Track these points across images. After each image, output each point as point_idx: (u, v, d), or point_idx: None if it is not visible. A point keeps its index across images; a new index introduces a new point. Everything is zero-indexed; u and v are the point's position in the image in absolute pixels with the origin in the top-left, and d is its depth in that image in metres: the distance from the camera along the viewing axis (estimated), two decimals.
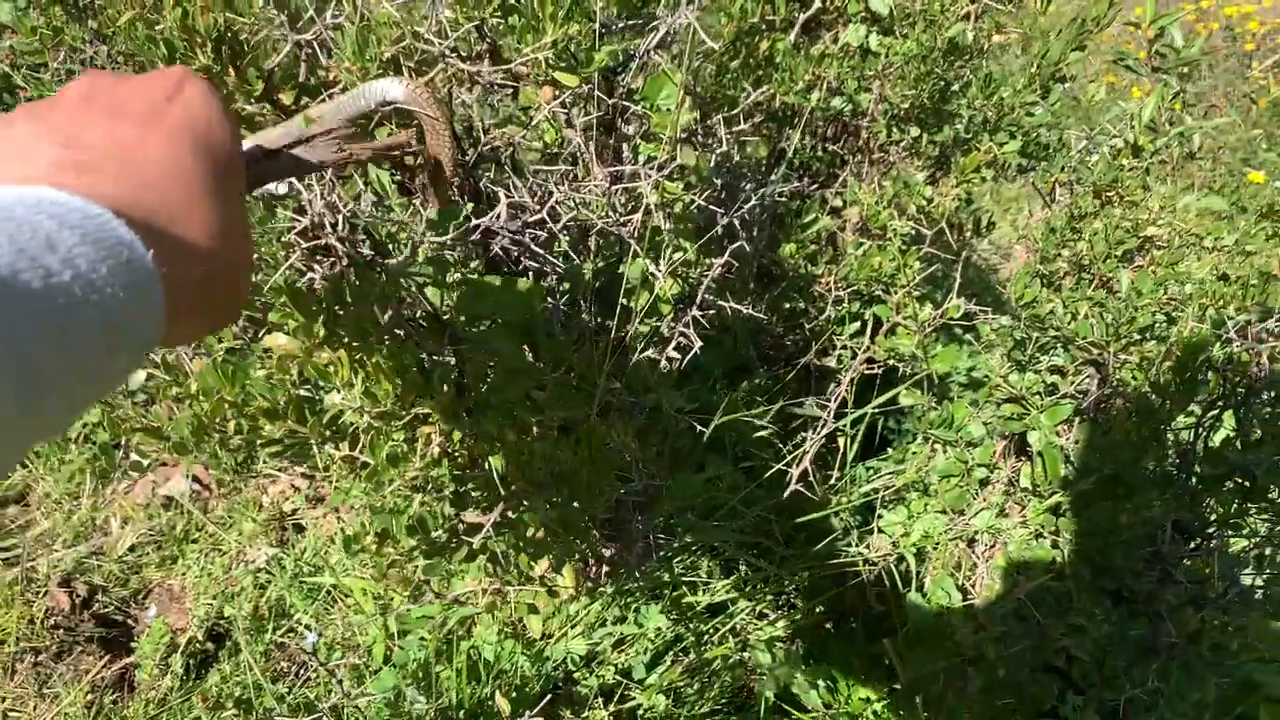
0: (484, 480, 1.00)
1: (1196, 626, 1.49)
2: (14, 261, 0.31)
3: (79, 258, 0.33)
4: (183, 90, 0.48)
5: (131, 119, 0.44)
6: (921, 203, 1.94)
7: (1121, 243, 1.64)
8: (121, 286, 0.35)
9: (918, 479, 2.00)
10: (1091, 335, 1.62)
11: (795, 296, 1.97)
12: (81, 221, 0.35)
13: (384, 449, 0.90)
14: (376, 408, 0.88)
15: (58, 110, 0.44)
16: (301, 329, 0.84)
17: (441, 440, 0.93)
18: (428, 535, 0.99)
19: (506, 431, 0.95)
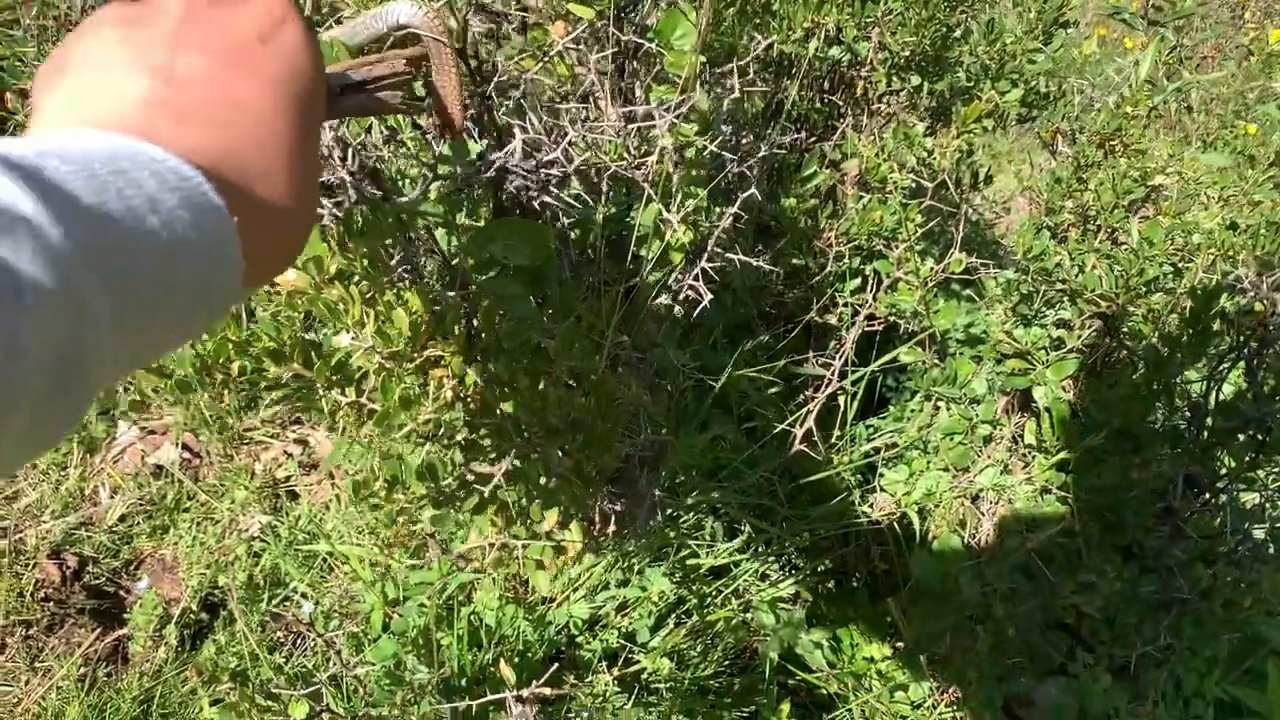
0: (496, 428, 0.96)
1: (1208, 582, 1.47)
2: (127, 218, 0.32)
3: (177, 222, 0.34)
4: (281, 33, 0.44)
5: (227, 58, 0.41)
6: (922, 154, 1.90)
7: (1129, 192, 1.62)
8: (207, 252, 0.36)
9: (918, 437, 1.98)
10: (1100, 288, 1.60)
11: (796, 252, 1.94)
12: (179, 184, 0.35)
13: (395, 391, 0.86)
14: (389, 348, 0.84)
15: (151, 27, 0.40)
16: (311, 262, 0.80)
17: (454, 384, 0.89)
18: (437, 483, 0.95)
19: (520, 376, 0.92)
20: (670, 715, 1.61)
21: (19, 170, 0.29)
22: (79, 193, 0.30)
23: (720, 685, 1.74)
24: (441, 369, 0.89)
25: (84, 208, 0.30)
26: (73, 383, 0.30)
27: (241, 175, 0.39)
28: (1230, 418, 1.47)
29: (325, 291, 0.84)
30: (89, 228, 0.30)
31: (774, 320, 2.01)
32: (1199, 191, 1.71)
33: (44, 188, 0.29)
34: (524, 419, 0.93)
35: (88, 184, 0.31)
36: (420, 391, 0.87)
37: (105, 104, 0.37)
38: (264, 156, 0.41)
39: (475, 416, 0.94)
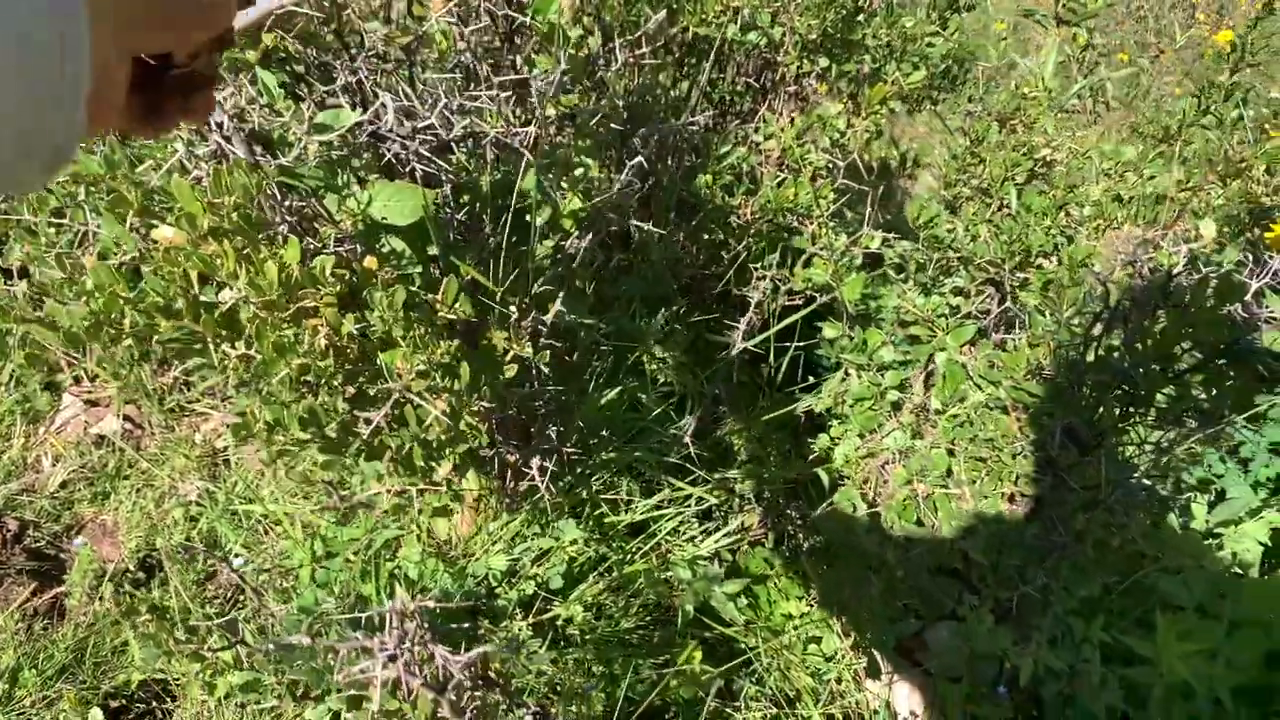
0: (375, 374, 1.04)
1: (1082, 527, 1.56)
2: None
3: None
4: None
5: None
6: (835, 135, 1.99)
7: (1016, 164, 1.70)
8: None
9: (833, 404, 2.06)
10: (988, 254, 1.69)
11: (714, 228, 2.02)
12: None
13: (270, 338, 0.93)
14: (261, 297, 0.92)
15: None
16: (185, 219, 0.87)
17: (329, 333, 0.97)
18: (320, 428, 1.03)
19: (395, 326, 1.00)
20: (586, 662, 1.70)
21: None
22: None
23: (639, 638, 1.82)
24: (315, 319, 0.97)
25: None
26: None
27: None
28: (1105, 373, 1.55)
29: (201, 247, 0.91)
30: None
31: (693, 294, 2.09)
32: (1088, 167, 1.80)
33: None
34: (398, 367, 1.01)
35: None
36: (295, 340, 0.95)
37: None
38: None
39: (354, 365, 1.02)
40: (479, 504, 1.62)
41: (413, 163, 1.11)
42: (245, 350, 1.01)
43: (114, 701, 1.65)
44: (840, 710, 1.86)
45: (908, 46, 1.86)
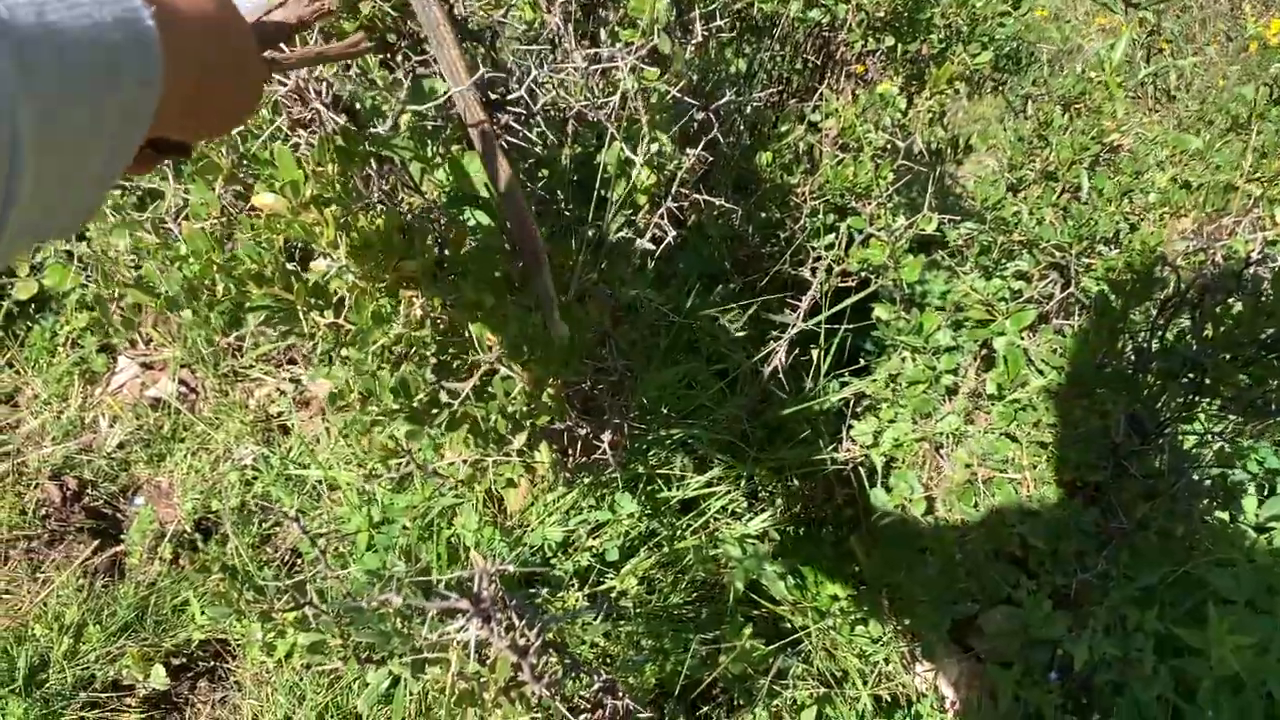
0: (464, 345, 1.05)
1: (1145, 514, 1.56)
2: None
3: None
4: None
5: None
6: (896, 115, 1.97)
7: (1086, 148, 1.69)
8: (121, 42, 0.39)
9: (887, 391, 2.06)
10: (1054, 238, 1.67)
11: (771, 206, 2.01)
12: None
13: (369, 308, 0.94)
14: (361, 267, 0.92)
15: None
16: (288, 186, 0.88)
17: (423, 303, 0.97)
18: (410, 398, 1.03)
19: (485, 295, 1.00)
20: (637, 635, 1.71)
21: None
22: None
23: (688, 613, 1.83)
24: (411, 290, 0.97)
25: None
26: None
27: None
28: (1171, 361, 1.54)
29: (302, 215, 0.91)
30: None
31: (748, 272, 2.09)
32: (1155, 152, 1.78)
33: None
34: (487, 338, 1.01)
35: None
36: (392, 310, 0.96)
37: None
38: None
39: (444, 336, 1.02)
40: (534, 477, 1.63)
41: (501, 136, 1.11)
42: (334, 319, 1.02)
43: (175, 659, 1.68)
44: (888, 692, 1.87)
45: (976, 27, 1.84)
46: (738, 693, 1.76)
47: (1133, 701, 1.76)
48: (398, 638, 1.26)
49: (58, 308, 2.19)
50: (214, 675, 1.68)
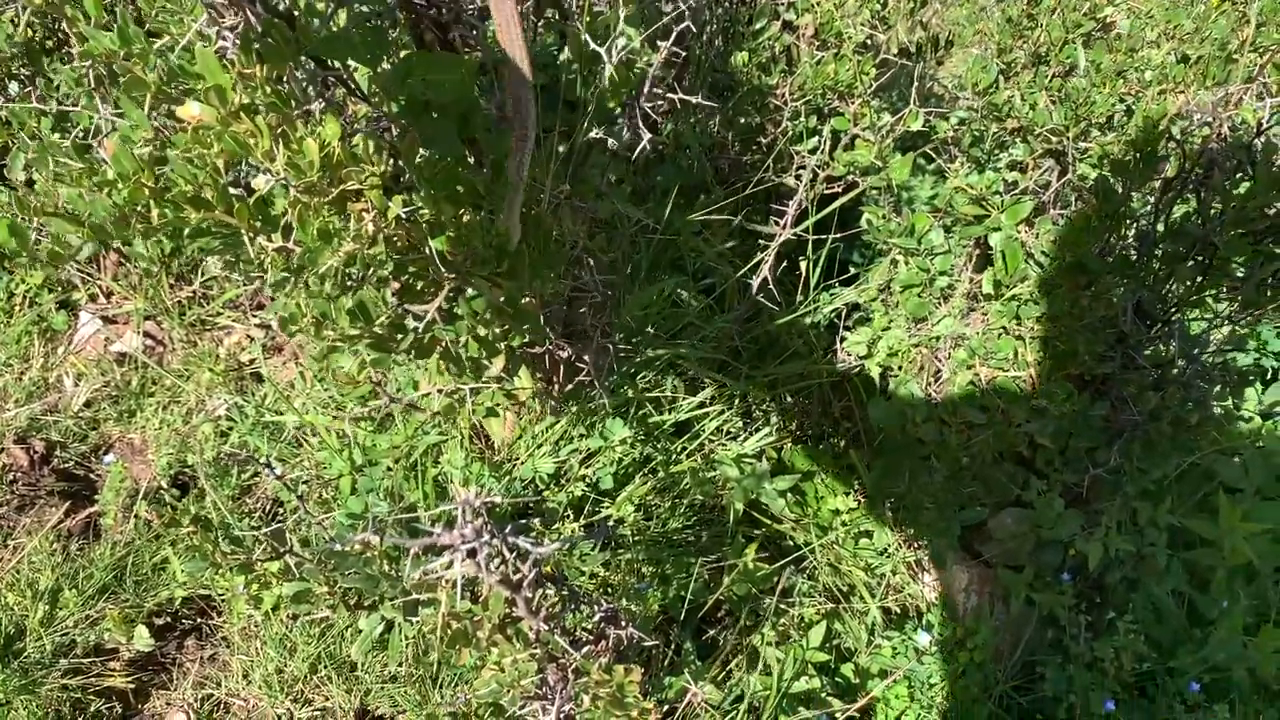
0: (425, 264, 0.96)
1: (1156, 404, 1.50)
2: None
3: None
4: None
5: None
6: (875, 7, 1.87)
7: (1079, 25, 1.59)
8: None
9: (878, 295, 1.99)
10: (1050, 122, 1.59)
11: (750, 110, 1.92)
12: None
13: (314, 225, 0.85)
14: (301, 180, 0.83)
15: None
16: (213, 92, 0.79)
17: (375, 217, 0.89)
18: (369, 322, 0.95)
19: (444, 206, 0.92)
20: (637, 563, 1.65)
21: None
22: None
23: (688, 537, 1.78)
24: (360, 203, 0.89)
25: None
26: None
27: None
28: (1178, 242, 1.47)
29: (233, 125, 0.82)
30: None
31: (731, 182, 1.99)
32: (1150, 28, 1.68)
33: None
34: (450, 252, 0.93)
35: None
36: (341, 226, 0.87)
37: None
38: None
39: (402, 254, 0.94)
40: (520, 407, 1.56)
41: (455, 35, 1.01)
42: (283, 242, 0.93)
43: (158, 619, 1.62)
44: (897, 604, 1.83)
45: None
46: (744, 613, 1.71)
47: (1147, 597, 1.72)
48: (385, 581, 1.20)
49: (9, 267, 2.09)
50: (200, 633, 1.62)
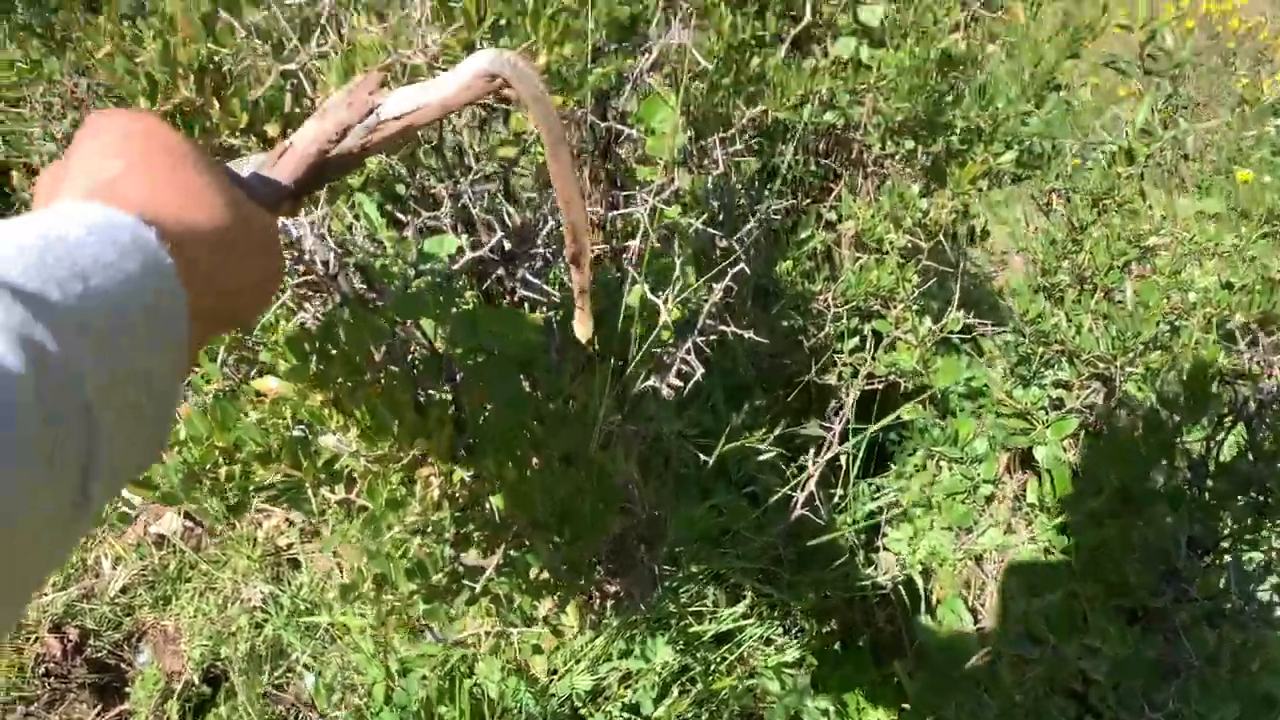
0: (485, 520, 0.97)
1: (1214, 645, 1.46)
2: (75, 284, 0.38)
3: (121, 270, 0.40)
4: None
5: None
6: (918, 215, 1.91)
7: (1123, 254, 1.62)
8: (154, 287, 0.42)
9: (921, 497, 1.97)
10: (1096, 349, 1.60)
11: (793, 314, 1.94)
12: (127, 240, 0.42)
13: (383, 494, 0.86)
14: (373, 451, 0.84)
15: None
16: (294, 372, 0.81)
17: (441, 481, 0.89)
18: (427, 579, 0.95)
19: (507, 469, 0.92)
20: None
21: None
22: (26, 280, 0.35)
23: None
24: (428, 467, 0.90)
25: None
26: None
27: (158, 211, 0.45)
28: (1231, 479, 1.46)
29: (309, 398, 0.84)
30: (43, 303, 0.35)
31: (773, 382, 2.01)
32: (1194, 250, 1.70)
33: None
34: (511, 512, 0.93)
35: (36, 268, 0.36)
36: (408, 492, 0.88)
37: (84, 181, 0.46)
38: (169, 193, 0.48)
39: (463, 511, 0.94)
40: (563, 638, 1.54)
41: (515, 287, 1.04)
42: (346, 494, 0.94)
43: None
44: None
45: (998, 127, 1.78)
46: None
47: None
48: None
49: None
50: None
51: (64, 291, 0.36)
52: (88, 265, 0.38)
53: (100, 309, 0.38)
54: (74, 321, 0.36)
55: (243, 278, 0.52)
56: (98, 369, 0.37)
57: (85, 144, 0.49)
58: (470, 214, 1.01)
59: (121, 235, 0.41)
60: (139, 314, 0.40)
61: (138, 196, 0.46)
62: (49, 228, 0.39)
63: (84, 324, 0.37)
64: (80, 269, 0.38)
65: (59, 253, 0.38)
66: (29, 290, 0.35)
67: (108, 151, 0.48)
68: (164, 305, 0.43)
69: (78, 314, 0.37)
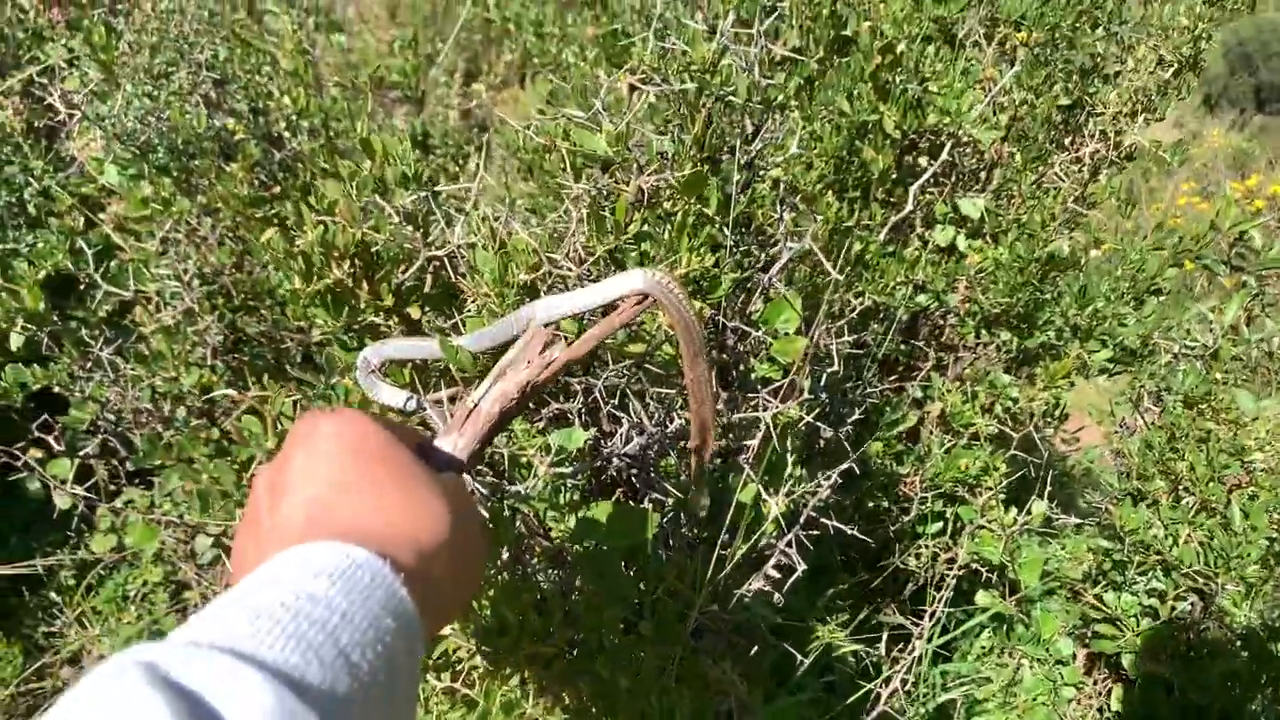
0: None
1: None
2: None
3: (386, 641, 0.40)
4: (320, 428, 0.49)
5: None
6: (1008, 404, 1.91)
7: (1226, 467, 1.59)
8: (407, 649, 0.42)
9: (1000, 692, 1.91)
10: (1196, 563, 1.56)
11: (879, 495, 1.93)
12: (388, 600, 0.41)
13: (498, 693, 0.85)
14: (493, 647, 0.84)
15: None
16: None
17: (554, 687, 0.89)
18: None
19: (620, 676, 0.91)
20: None
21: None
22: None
23: None
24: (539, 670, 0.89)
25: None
26: None
27: (385, 543, 0.44)
28: None
29: None
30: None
31: (854, 563, 1.98)
32: None
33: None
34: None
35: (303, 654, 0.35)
36: (521, 694, 0.87)
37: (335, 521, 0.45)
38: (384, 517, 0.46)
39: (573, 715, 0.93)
40: None
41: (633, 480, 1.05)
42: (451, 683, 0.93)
43: None
44: None
45: (1096, 326, 1.79)
46: None
47: None
48: None
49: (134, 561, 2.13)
50: None
51: (322, 662, 0.35)
52: (337, 624, 0.37)
53: (355, 670, 0.37)
54: (336, 698, 0.35)
55: (468, 573, 0.52)
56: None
57: (297, 457, 0.48)
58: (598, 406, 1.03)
59: (361, 576, 0.40)
60: (382, 660, 0.39)
61: (357, 519, 0.45)
62: (295, 586, 0.38)
63: (345, 698, 0.36)
64: (332, 629, 0.37)
65: (313, 616, 0.37)
66: (289, 669, 0.34)
67: (324, 468, 0.47)
68: (404, 644, 0.41)
69: (339, 685, 0.36)
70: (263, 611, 0.36)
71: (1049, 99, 1.85)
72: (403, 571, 0.42)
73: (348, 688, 0.36)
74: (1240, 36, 10.20)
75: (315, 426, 0.48)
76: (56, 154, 2.16)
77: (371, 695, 0.37)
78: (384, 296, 0.99)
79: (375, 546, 0.42)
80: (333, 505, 0.45)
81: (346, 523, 0.44)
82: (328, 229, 0.93)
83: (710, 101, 1.00)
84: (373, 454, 0.48)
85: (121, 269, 1.70)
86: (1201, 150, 8.68)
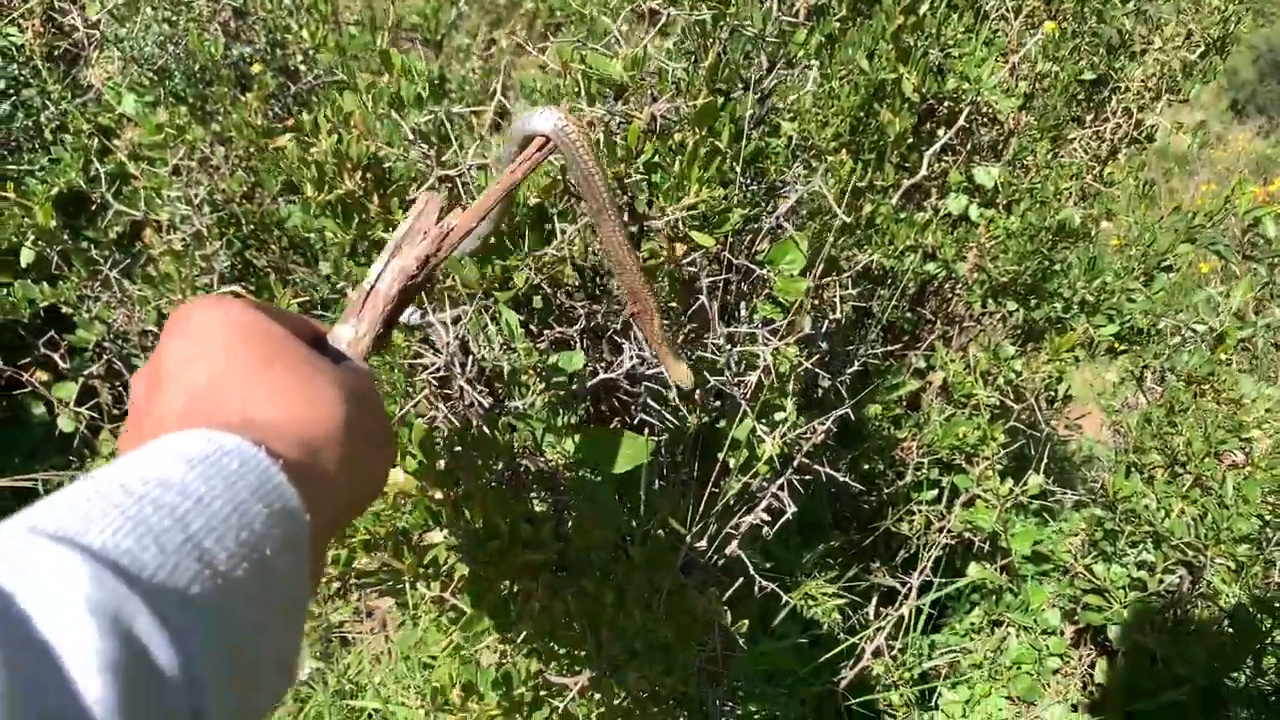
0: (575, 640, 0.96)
1: None
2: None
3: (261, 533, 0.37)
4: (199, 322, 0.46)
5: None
6: (1010, 375, 1.91)
7: (1223, 443, 1.59)
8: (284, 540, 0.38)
9: (985, 659, 1.92)
10: (1187, 536, 1.56)
11: (875, 458, 1.93)
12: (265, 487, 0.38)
13: (489, 599, 0.87)
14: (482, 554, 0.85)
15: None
16: (422, 470, 0.82)
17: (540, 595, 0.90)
18: (510, 692, 0.95)
19: (606, 592, 0.92)
20: None
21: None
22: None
23: None
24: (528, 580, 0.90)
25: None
26: None
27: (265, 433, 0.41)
28: None
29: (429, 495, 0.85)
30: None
31: (847, 522, 1.99)
32: None
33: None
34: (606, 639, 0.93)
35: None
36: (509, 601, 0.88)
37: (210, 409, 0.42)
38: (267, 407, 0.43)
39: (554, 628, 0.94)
40: None
41: (633, 408, 1.05)
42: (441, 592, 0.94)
43: None
44: None
45: (1104, 300, 1.79)
46: None
47: None
48: None
49: None
50: None
51: (162, 549, 0.32)
52: (189, 509, 0.34)
53: (209, 558, 0.34)
54: (178, 589, 0.32)
55: (366, 469, 0.48)
56: (205, 651, 0.33)
57: (172, 347, 0.45)
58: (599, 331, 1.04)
59: (228, 463, 0.37)
60: (247, 549, 0.36)
61: (240, 408, 0.42)
62: (145, 471, 0.35)
63: (190, 588, 0.33)
64: (181, 515, 0.34)
65: (160, 501, 0.34)
66: (118, 554, 0.31)
67: (198, 355, 0.44)
68: (281, 534, 0.38)
69: (181, 574, 0.33)
70: (99, 494, 0.34)
71: (1072, 69, 1.84)
72: (282, 460, 0.39)
73: (195, 577, 0.33)
74: (1271, 44, 10.12)
75: (191, 315, 0.45)
76: (74, 80, 2.16)
77: (235, 589, 0.34)
78: (394, 211, 1.00)
79: (255, 435, 0.39)
80: (212, 394, 0.42)
81: (227, 413, 0.41)
82: (342, 139, 0.94)
83: (726, 32, 1.00)
84: (260, 341, 0.45)
85: (135, 193, 1.70)
86: (1225, 154, 8.63)
